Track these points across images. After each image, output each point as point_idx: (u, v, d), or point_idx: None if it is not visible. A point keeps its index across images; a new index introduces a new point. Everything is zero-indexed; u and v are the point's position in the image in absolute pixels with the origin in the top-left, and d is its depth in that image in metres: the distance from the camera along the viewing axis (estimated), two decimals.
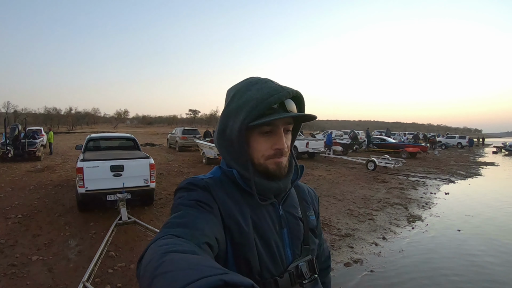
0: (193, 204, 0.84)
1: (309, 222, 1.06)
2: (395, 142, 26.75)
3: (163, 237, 0.68)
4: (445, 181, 14.07)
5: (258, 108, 0.85)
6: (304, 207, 1.08)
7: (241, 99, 0.90)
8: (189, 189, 0.90)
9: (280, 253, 0.92)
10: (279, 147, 0.90)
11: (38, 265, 4.55)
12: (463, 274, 5.15)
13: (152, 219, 6.69)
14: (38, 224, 6.20)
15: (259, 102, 0.86)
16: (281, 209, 0.99)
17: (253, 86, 0.91)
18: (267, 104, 0.85)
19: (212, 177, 0.97)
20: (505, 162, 25.96)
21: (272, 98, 0.86)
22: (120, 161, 6.84)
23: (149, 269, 0.55)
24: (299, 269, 0.94)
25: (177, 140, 22.80)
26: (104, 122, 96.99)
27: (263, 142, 0.91)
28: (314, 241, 1.05)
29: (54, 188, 9.20)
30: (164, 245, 0.62)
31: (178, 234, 0.70)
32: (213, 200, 0.87)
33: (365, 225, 7.24)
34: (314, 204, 1.15)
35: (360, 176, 13.84)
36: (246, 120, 0.86)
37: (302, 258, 0.97)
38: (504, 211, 9.15)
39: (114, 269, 4.47)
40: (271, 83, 0.91)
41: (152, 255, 0.59)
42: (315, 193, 1.20)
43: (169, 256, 0.56)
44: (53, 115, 74.37)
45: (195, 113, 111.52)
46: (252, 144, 0.91)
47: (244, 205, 0.92)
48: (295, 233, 0.99)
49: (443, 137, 44.11)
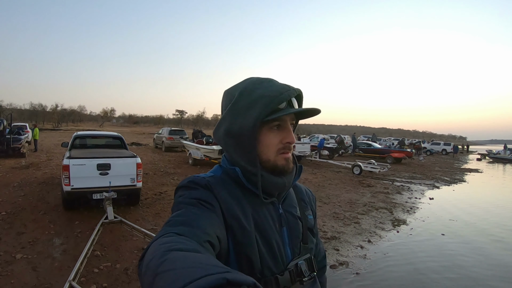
0: (194, 203, 0.84)
1: (308, 221, 1.08)
2: (381, 147, 27.02)
3: (164, 235, 0.68)
4: (429, 186, 14.29)
5: (271, 105, 0.88)
6: (302, 206, 1.09)
7: (250, 97, 0.92)
8: (190, 188, 0.91)
9: (281, 251, 0.94)
10: (289, 140, 0.94)
11: (22, 263, 4.48)
12: (446, 276, 5.27)
13: (138, 219, 6.65)
14: (22, 221, 6.10)
15: (272, 99, 0.89)
16: (280, 208, 1.00)
17: (260, 84, 0.94)
18: (280, 101, 0.89)
19: (213, 175, 0.98)
20: (489, 169, 26.49)
21: (283, 95, 0.89)
22: (107, 159, 6.78)
23: (151, 267, 0.55)
24: (298, 267, 0.96)
25: (163, 140, 22.69)
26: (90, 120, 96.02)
27: (273, 137, 0.93)
28: (312, 240, 1.07)
29: (39, 186, 9.08)
30: (166, 243, 0.62)
31: (180, 232, 0.70)
32: (214, 199, 0.88)
33: (350, 228, 7.31)
34: (312, 204, 1.17)
35: (346, 180, 13.97)
36: (261, 116, 0.88)
37: (301, 256, 0.99)
38: (486, 216, 9.35)
39: (100, 269, 4.42)
40: (276, 82, 0.96)
41: (154, 253, 0.59)
42: (312, 194, 1.22)
43: (171, 254, 0.56)
44: (39, 111, 73.26)
45: (182, 114, 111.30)
46: (262, 139, 0.93)
47: (245, 203, 0.93)
48: (295, 232, 1.00)
49: (428, 143, 44.74)
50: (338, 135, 26.96)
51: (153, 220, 6.74)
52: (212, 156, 14.66)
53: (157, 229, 6.13)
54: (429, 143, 44.52)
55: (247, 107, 0.91)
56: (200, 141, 16.71)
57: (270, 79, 0.97)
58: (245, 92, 0.93)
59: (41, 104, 76.32)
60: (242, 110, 0.92)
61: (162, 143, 22.95)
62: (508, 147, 40.88)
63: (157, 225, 6.37)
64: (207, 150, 14.93)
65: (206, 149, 15.02)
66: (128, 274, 4.36)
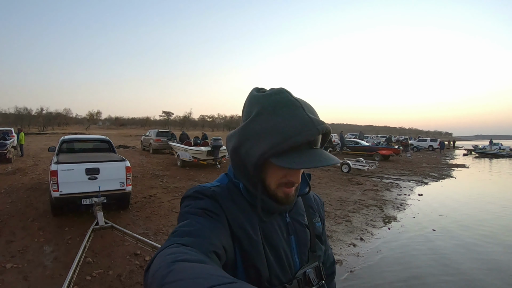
0: (200, 213, 0.83)
1: (315, 229, 1.07)
2: (368, 145, 27.20)
3: (170, 245, 0.68)
4: (418, 182, 14.45)
5: (281, 146, 0.78)
6: (310, 214, 1.08)
7: (265, 124, 0.82)
8: (196, 198, 0.89)
9: (289, 260, 0.93)
10: (293, 180, 0.88)
11: (13, 273, 4.39)
12: (439, 270, 5.36)
13: (129, 223, 6.58)
14: (10, 229, 5.98)
15: (285, 139, 0.78)
16: (288, 217, 0.99)
17: (282, 109, 0.82)
18: (294, 143, 0.78)
19: (219, 185, 0.96)
20: (475, 163, 26.88)
21: (300, 137, 0.78)
22: (95, 163, 6.69)
23: (157, 278, 0.55)
24: (306, 276, 0.95)
25: (151, 142, 22.50)
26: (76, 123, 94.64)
27: (278, 171, 0.87)
28: (320, 248, 1.06)
29: (26, 192, 8.91)
30: (172, 253, 0.62)
31: (186, 243, 0.70)
32: (220, 209, 0.87)
33: (342, 226, 7.36)
34: (320, 211, 1.15)
35: (335, 179, 14.05)
36: (266, 155, 0.81)
37: (309, 264, 0.98)
38: (475, 211, 9.51)
39: (93, 276, 4.35)
40: (301, 112, 0.82)
41: (160, 263, 0.59)
42: (320, 200, 1.20)
43: (177, 265, 0.56)
44: (24, 115, 72.04)
45: (169, 115, 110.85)
46: (266, 170, 0.87)
47: (252, 213, 0.91)
48: (302, 240, 0.99)
49: (415, 140, 45.24)
50: None
51: (144, 224, 6.68)
52: (200, 157, 14.64)
53: (148, 233, 6.08)
54: (416, 140, 45.02)
55: (257, 135, 0.82)
56: (188, 143, 16.66)
57: (298, 104, 0.83)
58: (264, 113, 0.83)
59: (26, 107, 75.21)
60: (253, 135, 0.83)
61: (149, 145, 22.75)
62: (493, 142, 41.67)
63: (149, 229, 6.32)
64: (196, 151, 14.90)
65: (195, 150, 14.99)
66: (122, 280, 4.31)
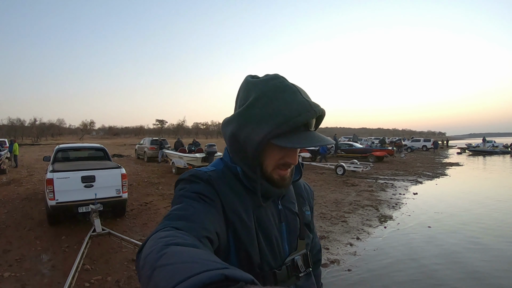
0: (194, 197, 0.83)
1: (305, 217, 1.09)
2: (362, 147, 27.34)
3: (163, 229, 0.68)
4: (412, 182, 14.55)
5: (283, 127, 0.82)
6: (300, 202, 1.09)
7: (266, 108, 0.84)
8: (191, 181, 0.89)
9: (279, 247, 0.95)
10: (291, 161, 0.90)
11: (11, 281, 4.39)
12: (436, 266, 5.41)
13: (126, 230, 6.58)
14: (7, 239, 5.98)
15: (287, 120, 0.81)
16: (280, 204, 1.01)
17: (282, 94, 0.85)
18: (295, 124, 0.82)
19: (215, 169, 0.96)
20: (469, 162, 27.10)
21: (300, 117, 0.82)
22: (91, 171, 6.71)
23: (149, 261, 0.55)
24: (295, 262, 0.97)
25: (145, 150, 22.53)
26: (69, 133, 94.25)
27: (276, 152, 0.88)
28: (308, 236, 1.08)
29: (22, 202, 8.90)
30: (165, 237, 0.62)
31: (179, 226, 0.70)
32: (215, 194, 0.87)
33: (338, 227, 7.41)
34: (310, 200, 1.17)
35: (330, 181, 14.12)
36: (269, 136, 0.83)
37: (298, 252, 1.00)
38: (469, 208, 9.59)
39: (91, 283, 4.36)
40: (299, 96, 0.85)
41: (152, 246, 0.59)
42: (310, 188, 1.21)
43: (170, 249, 0.56)
44: (17, 126, 71.38)
45: (162, 123, 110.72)
46: (265, 152, 0.89)
47: (247, 199, 0.92)
48: (292, 228, 1.01)
49: (409, 140, 45.53)
50: None
51: (140, 230, 6.68)
52: (195, 164, 14.65)
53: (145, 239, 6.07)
54: (410, 140, 45.32)
55: (259, 119, 0.85)
56: (182, 150, 16.67)
57: (295, 89, 0.87)
58: (263, 98, 0.86)
59: (19, 118, 74.50)
60: (253, 119, 0.86)
61: (144, 154, 22.77)
62: (486, 140, 42.01)
63: (145, 236, 6.31)
64: (190, 158, 14.93)
65: (189, 157, 15.01)
66: (120, 286, 4.32)
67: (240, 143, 0.90)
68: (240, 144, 0.90)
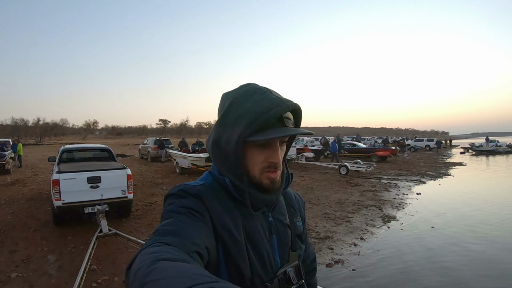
0: (184, 212, 0.83)
1: (296, 228, 1.07)
2: (365, 146, 27.29)
3: (152, 244, 0.68)
4: (416, 182, 14.55)
5: (256, 123, 0.84)
6: (291, 213, 1.09)
7: (238, 110, 0.87)
8: (180, 196, 0.89)
9: (270, 259, 0.94)
10: (274, 160, 0.90)
11: (18, 282, 4.44)
12: (438, 266, 5.44)
13: (131, 231, 6.62)
14: (13, 240, 6.03)
15: (257, 116, 0.84)
16: (270, 216, 1.00)
17: (251, 96, 0.88)
18: (266, 119, 0.83)
19: (204, 183, 0.96)
20: (473, 161, 27.04)
21: (271, 112, 0.84)
22: (97, 172, 6.74)
23: (139, 277, 0.55)
24: (287, 275, 0.97)
25: (149, 150, 22.57)
26: (72, 133, 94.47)
27: (258, 154, 0.89)
28: (300, 247, 1.07)
29: (27, 202, 8.97)
30: (154, 252, 0.62)
31: (168, 242, 0.70)
32: (204, 208, 0.86)
33: (342, 227, 7.43)
34: (301, 210, 1.16)
35: (333, 181, 14.13)
36: (244, 134, 0.84)
37: (289, 264, 0.99)
38: (473, 208, 9.61)
39: (98, 283, 4.41)
40: (270, 94, 0.88)
41: (141, 262, 0.59)
42: (301, 199, 1.21)
43: (159, 264, 0.56)
44: (21, 126, 71.67)
45: (166, 123, 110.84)
46: (247, 156, 0.90)
47: (236, 213, 0.91)
48: (284, 240, 1.00)
49: (412, 140, 45.40)
50: (322, 137, 27.16)
51: (146, 231, 6.72)
52: (199, 164, 14.66)
53: None
54: (413, 140, 45.18)
55: (233, 122, 0.88)
56: (186, 150, 16.71)
57: (265, 90, 0.90)
58: (235, 103, 0.89)
59: (23, 118, 74.82)
60: (229, 124, 0.89)
61: (147, 154, 22.79)
62: (490, 139, 41.88)
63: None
64: (194, 158, 14.94)
65: (193, 157, 15.03)
66: None
67: (222, 150, 0.92)
68: (222, 151, 0.92)
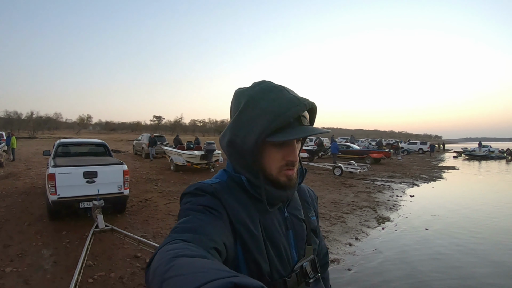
0: (201, 209, 0.84)
1: (311, 222, 1.09)
2: (359, 148, 27.45)
3: (171, 242, 0.68)
4: (409, 184, 14.68)
5: (275, 123, 0.84)
6: (305, 208, 1.10)
7: (254, 110, 0.87)
8: (197, 194, 0.89)
9: (287, 254, 0.95)
10: (292, 159, 0.90)
11: (13, 277, 4.39)
12: (432, 267, 5.54)
13: (127, 227, 6.57)
14: (7, 234, 5.97)
15: (276, 116, 0.84)
16: (286, 212, 1.01)
17: (268, 95, 0.88)
18: (285, 119, 0.84)
19: (219, 181, 0.96)
20: (465, 166, 27.39)
21: (290, 112, 0.84)
22: (93, 167, 6.68)
23: (158, 274, 0.55)
24: (303, 269, 0.98)
25: (143, 147, 22.45)
26: (66, 127, 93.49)
27: (275, 153, 0.90)
28: (315, 241, 1.08)
29: (20, 196, 8.87)
30: (173, 249, 0.62)
31: (186, 239, 0.70)
32: (221, 206, 0.87)
33: (337, 227, 7.47)
34: (314, 205, 1.18)
35: (328, 182, 14.20)
36: (263, 135, 0.84)
37: (306, 258, 1.01)
38: (465, 211, 9.72)
39: (94, 279, 4.37)
40: (286, 93, 0.89)
41: (160, 259, 0.59)
42: (314, 194, 1.22)
43: (178, 260, 0.56)
44: (14, 119, 70.77)
45: (160, 120, 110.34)
46: (265, 155, 0.90)
47: (252, 209, 0.92)
48: (300, 234, 1.02)
49: (405, 143, 45.71)
50: (317, 138, 27.18)
51: (142, 227, 6.70)
52: (194, 161, 14.65)
53: (147, 236, 6.10)
54: (406, 143, 45.50)
55: (250, 121, 0.88)
56: (181, 147, 16.66)
57: (281, 88, 0.90)
58: (251, 102, 0.89)
59: (16, 111, 73.78)
60: (246, 123, 0.89)
61: (142, 150, 22.70)
62: (482, 145, 42.27)
63: (147, 232, 6.35)
64: (189, 155, 14.91)
65: (188, 154, 15.00)
66: (124, 283, 4.34)
67: (238, 150, 0.92)
68: (238, 150, 0.92)
